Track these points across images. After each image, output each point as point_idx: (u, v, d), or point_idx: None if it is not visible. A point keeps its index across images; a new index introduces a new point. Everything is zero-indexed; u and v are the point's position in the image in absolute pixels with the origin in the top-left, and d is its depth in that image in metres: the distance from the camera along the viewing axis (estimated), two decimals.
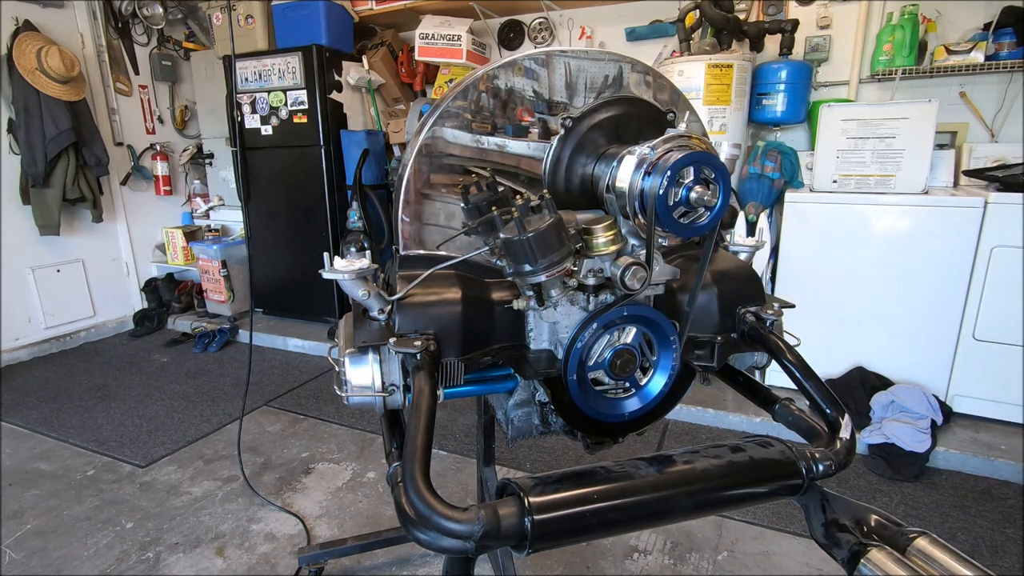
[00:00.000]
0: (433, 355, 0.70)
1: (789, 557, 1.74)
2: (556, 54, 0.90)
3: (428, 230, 0.87)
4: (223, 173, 4.10)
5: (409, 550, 1.76)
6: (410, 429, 0.59)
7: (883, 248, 2.36)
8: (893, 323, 2.40)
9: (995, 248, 2.19)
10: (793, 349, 0.79)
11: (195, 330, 3.76)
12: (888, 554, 0.57)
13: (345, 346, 0.74)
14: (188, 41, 4.17)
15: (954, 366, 2.34)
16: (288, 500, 2.04)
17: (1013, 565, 1.70)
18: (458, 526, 0.52)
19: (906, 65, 2.58)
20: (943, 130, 2.68)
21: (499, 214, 0.70)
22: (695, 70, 2.62)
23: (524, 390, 0.88)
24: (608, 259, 0.72)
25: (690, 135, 0.70)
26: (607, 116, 0.81)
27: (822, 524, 0.64)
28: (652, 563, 1.72)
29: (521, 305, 0.75)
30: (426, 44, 3.37)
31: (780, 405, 0.81)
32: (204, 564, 1.73)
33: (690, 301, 0.77)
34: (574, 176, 0.82)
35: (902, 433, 2.16)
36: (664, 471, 0.61)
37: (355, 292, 0.72)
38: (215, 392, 2.95)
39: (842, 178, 2.41)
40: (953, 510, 1.95)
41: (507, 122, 0.90)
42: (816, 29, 2.87)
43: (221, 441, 2.46)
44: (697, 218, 0.70)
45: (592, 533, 0.57)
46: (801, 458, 0.64)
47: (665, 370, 0.79)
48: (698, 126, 0.97)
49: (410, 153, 0.86)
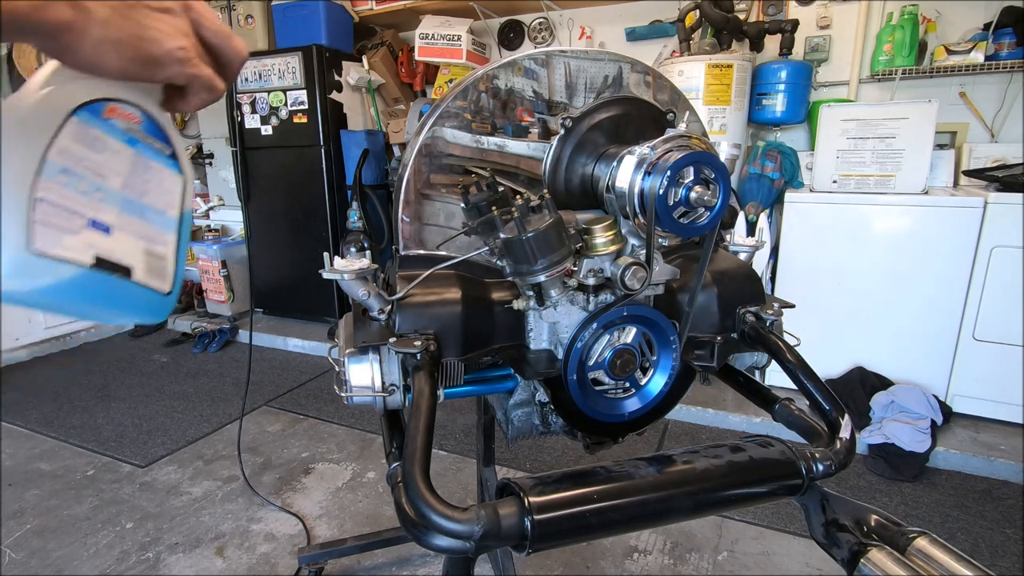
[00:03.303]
0: (433, 355, 0.70)
1: (789, 557, 1.74)
2: (556, 54, 0.90)
3: (428, 230, 0.87)
4: (223, 173, 4.10)
5: (409, 550, 1.76)
6: (410, 429, 0.59)
7: (883, 248, 2.36)
8: (893, 323, 2.40)
9: (995, 248, 2.19)
10: (793, 349, 0.79)
11: (195, 330, 3.76)
12: (888, 554, 0.57)
13: (345, 346, 0.74)
14: None
15: (954, 366, 2.34)
16: (288, 500, 2.04)
17: (1013, 565, 1.70)
18: (458, 526, 0.52)
19: (906, 65, 2.58)
20: (943, 130, 2.68)
21: (499, 214, 0.70)
22: (695, 70, 2.62)
23: (524, 390, 0.88)
24: (608, 259, 0.72)
25: (690, 135, 0.70)
26: (607, 116, 0.81)
27: (822, 524, 0.64)
28: (652, 563, 1.72)
29: (521, 305, 0.76)
30: (426, 44, 3.37)
31: (780, 405, 0.81)
32: (204, 564, 1.73)
33: (690, 301, 0.77)
34: (574, 176, 0.82)
35: (902, 433, 2.16)
36: (664, 471, 0.61)
37: (355, 292, 0.72)
38: (215, 392, 2.95)
39: (842, 178, 2.41)
40: (953, 510, 1.95)
41: (507, 122, 0.90)
42: (816, 29, 2.86)
43: (221, 441, 2.46)
44: (697, 218, 0.70)
45: (592, 533, 0.57)
46: (801, 458, 0.64)
47: (665, 370, 0.79)
48: (698, 126, 0.97)
49: (410, 153, 0.86)
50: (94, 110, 0.45)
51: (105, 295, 0.46)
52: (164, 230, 0.50)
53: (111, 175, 0.46)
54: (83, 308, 0.45)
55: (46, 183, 0.41)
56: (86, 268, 0.43)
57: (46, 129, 0.42)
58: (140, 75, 0.45)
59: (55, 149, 0.42)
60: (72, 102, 0.44)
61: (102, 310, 0.47)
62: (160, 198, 0.50)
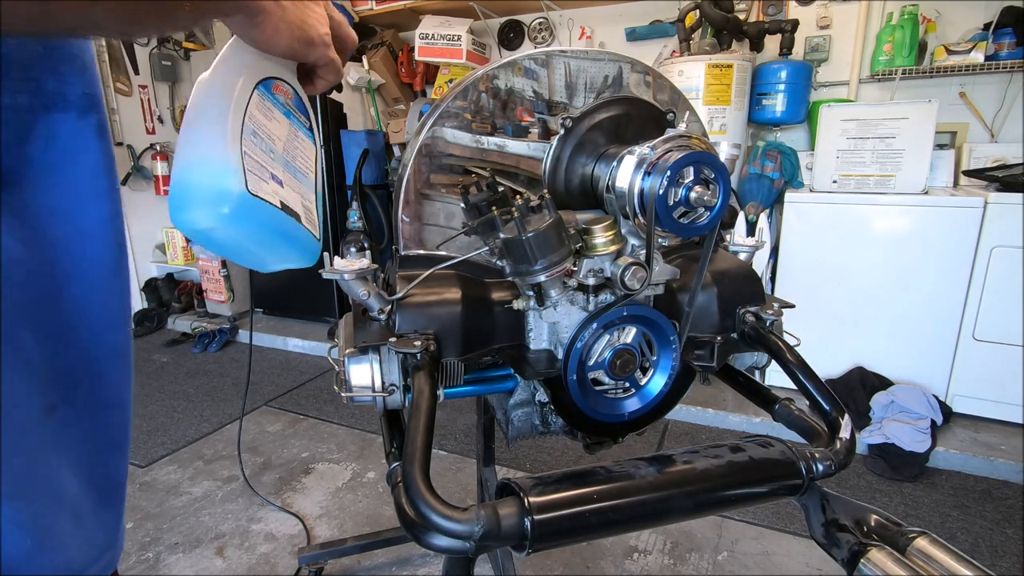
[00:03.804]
0: (433, 355, 0.70)
1: (789, 557, 1.74)
2: (556, 54, 0.90)
3: (428, 230, 0.87)
4: None
5: (409, 550, 1.76)
6: (410, 429, 0.59)
7: (883, 248, 2.36)
8: (893, 323, 2.40)
9: (995, 248, 2.19)
10: (793, 349, 0.79)
11: (195, 330, 3.76)
12: (888, 554, 0.57)
13: (345, 346, 0.74)
14: (188, 41, 4.17)
15: (954, 366, 2.34)
16: (288, 500, 2.04)
17: (1013, 565, 1.70)
18: (458, 526, 0.52)
19: (906, 65, 2.58)
20: (943, 130, 2.68)
21: (499, 214, 0.70)
22: (695, 70, 2.63)
23: (524, 390, 0.88)
24: (608, 259, 0.72)
25: (690, 135, 0.70)
26: (607, 116, 0.81)
27: (822, 524, 0.64)
28: (652, 563, 1.72)
29: (521, 305, 0.75)
30: (426, 44, 3.37)
31: (780, 405, 0.81)
32: (204, 564, 1.73)
33: (690, 301, 0.77)
34: (574, 176, 0.82)
35: (902, 433, 2.16)
36: (664, 471, 0.61)
37: (355, 292, 0.72)
38: (215, 392, 2.96)
39: (842, 178, 2.41)
40: (953, 510, 1.95)
41: (507, 122, 0.90)
42: (816, 29, 2.87)
43: (221, 441, 2.46)
44: (697, 218, 0.70)
45: (592, 533, 0.57)
46: (801, 458, 0.64)
47: (665, 370, 0.79)
48: (698, 126, 0.97)
49: (410, 153, 0.86)
50: (267, 86, 0.55)
51: (286, 234, 0.54)
52: (309, 189, 0.60)
53: (277, 140, 0.56)
54: (272, 243, 0.54)
55: (247, 140, 0.50)
56: (278, 209, 0.52)
57: (242, 99, 0.51)
58: (298, 54, 0.54)
59: (248, 115, 0.51)
60: (255, 78, 0.54)
61: (282, 247, 0.56)
62: (304, 163, 0.61)
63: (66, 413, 0.53)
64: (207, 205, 0.47)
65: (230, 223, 0.48)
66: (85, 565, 0.55)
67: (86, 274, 0.55)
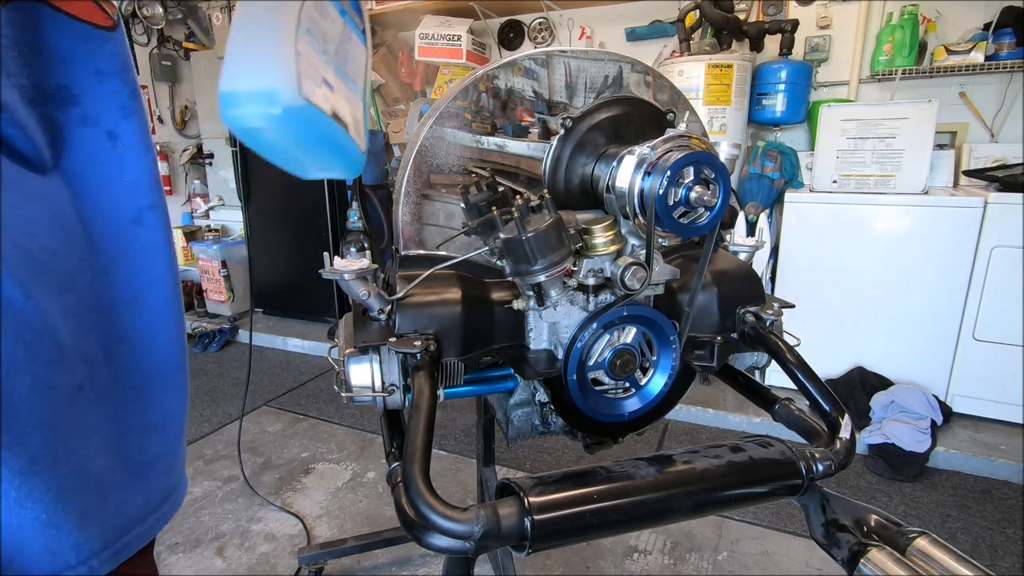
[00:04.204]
0: (433, 355, 0.70)
1: (789, 557, 1.74)
2: (556, 54, 0.90)
3: (428, 230, 0.87)
4: (223, 173, 4.10)
5: (409, 550, 1.76)
6: (410, 429, 0.59)
7: (883, 248, 2.36)
8: (893, 323, 2.40)
9: (995, 248, 2.19)
10: (793, 349, 0.79)
11: (195, 330, 3.76)
12: (888, 554, 0.57)
13: (345, 346, 0.74)
14: (188, 41, 4.17)
15: (954, 366, 2.34)
16: (288, 500, 2.04)
17: (1013, 565, 1.70)
18: (458, 526, 0.52)
19: (906, 65, 2.58)
20: (943, 130, 2.68)
21: (499, 214, 0.70)
22: (695, 70, 2.62)
23: (524, 390, 0.88)
24: (608, 259, 0.72)
25: (690, 135, 0.70)
26: (607, 116, 0.81)
27: (822, 524, 0.64)
28: (652, 563, 1.72)
29: (521, 305, 0.76)
30: (426, 44, 3.37)
31: (780, 405, 0.81)
32: (204, 564, 1.73)
33: (690, 301, 0.77)
34: (574, 176, 0.82)
35: (902, 433, 2.16)
36: (664, 471, 0.61)
37: (355, 292, 0.72)
38: (215, 392, 2.96)
39: (842, 178, 2.41)
40: (953, 510, 1.95)
41: (507, 122, 0.90)
42: (816, 29, 2.86)
43: (221, 441, 2.46)
44: (697, 218, 0.70)
45: (592, 533, 0.57)
46: (801, 458, 0.64)
47: (665, 370, 0.79)
48: (698, 126, 0.97)
49: (410, 153, 0.86)
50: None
51: (334, 144, 0.51)
52: (358, 98, 0.56)
53: (330, 41, 0.52)
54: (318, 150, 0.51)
55: (301, 39, 0.47)
56: (329, 117, 0.49)
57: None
58: None
59: (303, 11, 0.47)
60: None
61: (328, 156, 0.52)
62: (355, 68, 0.56)
63: (91, 393, 0.53)
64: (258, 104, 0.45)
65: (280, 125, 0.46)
66: (110, 540, 0.54)
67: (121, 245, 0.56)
